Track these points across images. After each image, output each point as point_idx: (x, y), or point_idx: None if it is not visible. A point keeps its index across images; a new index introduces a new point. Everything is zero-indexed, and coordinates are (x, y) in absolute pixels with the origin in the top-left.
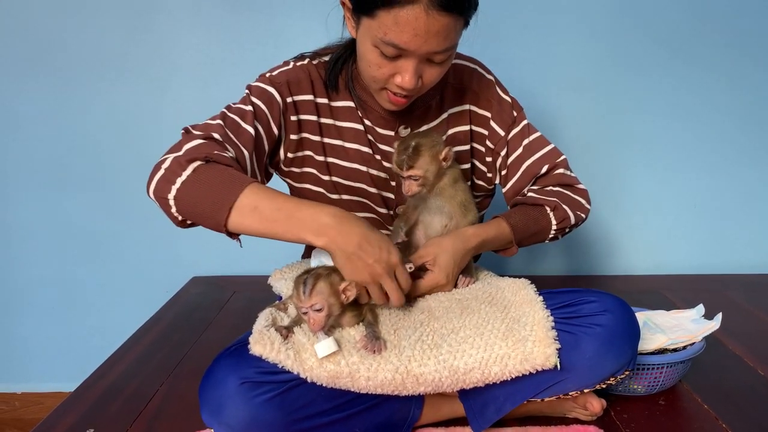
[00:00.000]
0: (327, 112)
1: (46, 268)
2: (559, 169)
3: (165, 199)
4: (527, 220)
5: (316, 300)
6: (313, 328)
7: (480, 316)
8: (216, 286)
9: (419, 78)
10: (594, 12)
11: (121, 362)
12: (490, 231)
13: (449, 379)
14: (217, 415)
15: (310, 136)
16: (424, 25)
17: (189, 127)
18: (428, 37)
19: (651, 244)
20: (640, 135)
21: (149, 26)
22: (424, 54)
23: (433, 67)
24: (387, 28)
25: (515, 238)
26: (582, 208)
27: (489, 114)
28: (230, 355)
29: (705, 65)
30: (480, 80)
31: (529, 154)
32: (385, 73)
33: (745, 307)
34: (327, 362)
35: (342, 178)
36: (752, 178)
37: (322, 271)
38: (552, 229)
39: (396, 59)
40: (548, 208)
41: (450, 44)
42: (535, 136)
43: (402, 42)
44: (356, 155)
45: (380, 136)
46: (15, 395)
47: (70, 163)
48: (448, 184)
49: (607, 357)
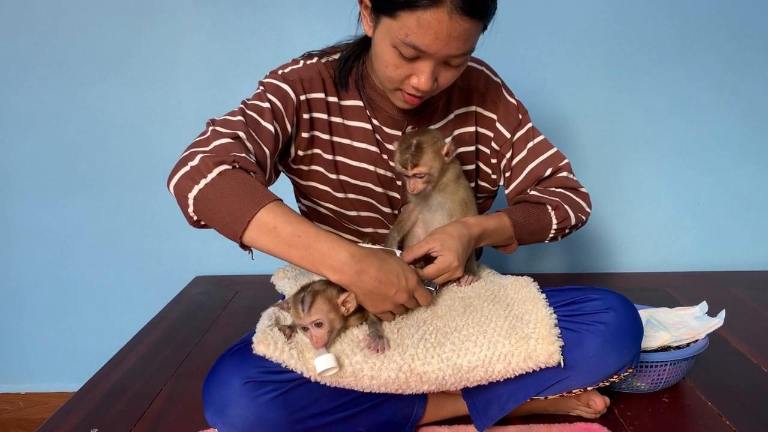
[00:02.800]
0: (337, 111)
1: (49, 268)
2: (563, 172)
3: (185, 197)
4: (528, 217)
5: (316, 316)
6: (315, 346)
7: (483, 314)
8: (219, 286)
9: (435, 80)
10: (596, 11)
11: (124, 362)
12: (491, 222)
13: (453, 377)
14: (220, 415)
15: (321, 134)
16: (446, 29)
17: (214, 120)
18: (449, 41)
19: (654, 242)
20: (643, 133)
21: (151, 26)
22: (442, 57)
23: (449, 69)
24: (408, 29)
25: (515, 233)
26: (583, 211)
27: (495, 116)
28: (234, 354)
29: (707, 63)
30: (487, 82)
31: (534, 157)
32: (402, 74)
33: (748, 304)
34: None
35: (349, 177)
36: (756, 176)
37: (318, 286)
38: (552, 228)
39: (414, 60)
40: (550, 207)
41: (469, 48)
42: (539, 139)
43: (423, 44)
44: (364, 154)
45: (388, 136)
46: (19, 395)
47: (72, 162)
48: (451, 180)
49: (611, 355)
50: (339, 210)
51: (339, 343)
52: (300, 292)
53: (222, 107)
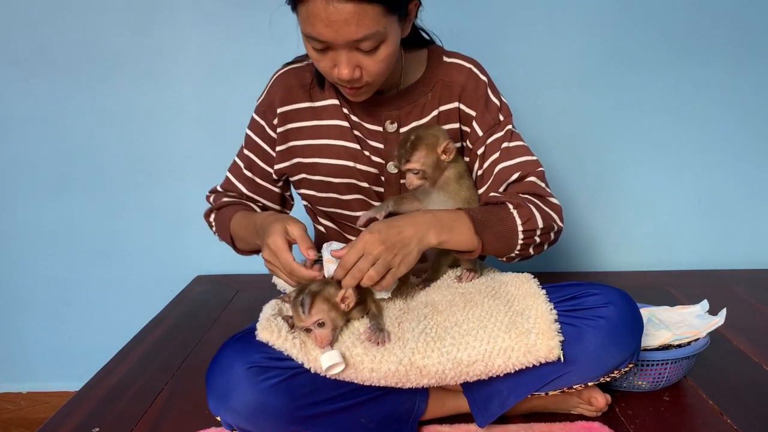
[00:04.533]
0: (310, 115)
1: (51, 268)
2: (532, 177)
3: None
4: (488, 216)
5: (317, 317)
6: (320, 346)
7: (483, 309)
8: (220, 285)
9: (357, 68)
10: (596, 8)
11: (125, 361)
12: (445, 213)
13: (453, 371)
14: (224, 401)
15: (296, 142)
16: (328, 15)
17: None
18: (338, 27)
19: (655, 240)
20: (644, 131)
21: (151, 26)
22: (344, 43)
23: (368, 56)
24: (304, 21)
25: (476, 228)
26: (552, 219)
27: (474, 113)
28: (237, 341)
29: (709, 62)
30: (471, 79)
31: (506, 159)
32: (326, 66)
33: (749, 302)
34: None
35: (331, 177)
36: (756, 174)
37: (315, 287)
38: (519, 230)
39: (326, 51)
40: (510, 206)
41: (368, 32)
42: (517, 144)
43: (316, 34)
44: (342, 152)
45: (369, 132)
46: (21, 395)
47: (73, 163)
48: (453, 179)
49: (611, 349)
50: (336, 211)
51: (340, 336)
52: (298, 295)
53: (222, 107)
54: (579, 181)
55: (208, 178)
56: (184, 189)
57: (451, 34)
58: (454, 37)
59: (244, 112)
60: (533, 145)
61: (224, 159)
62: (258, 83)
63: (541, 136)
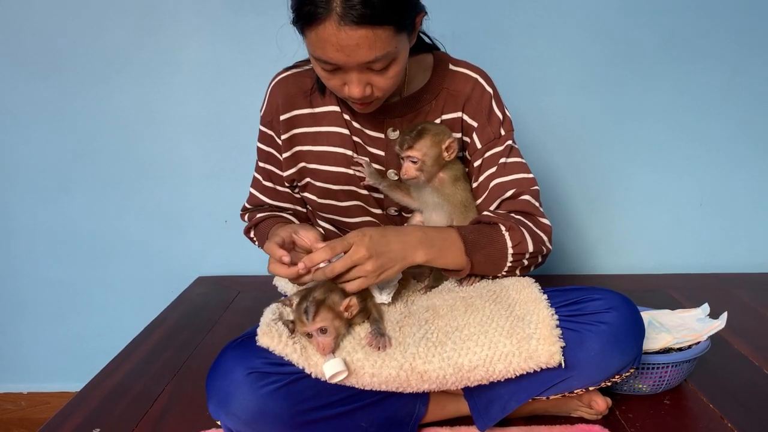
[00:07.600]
0: (310, 121)
1: (52, 269)
2: (526, 195)
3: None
4: (480, 236)
5: (321, 324)
6: (322, 353)
7: (484, 314)
8: (221, 286)
9: (368, 86)
10: (598, 12)
11: (126, 362)
12: (437, 231)
13: (453, 376)
14: (224, 406)
15: (301, 147)
16: (339, 41)
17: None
18: (350, 51)
19: (656, 243)
20: (645, 134)
21: (154, 28)
22: (355, 65)
23: (378, 75)
24: (314, 45)
25: (466, 249)
26: (542, 242)
27: (476, 124)
28: (237, 346)
29: (710, 66)
30: (477, 89)
31: (502, 174)
32: (335, 84)
33: (750, 306)
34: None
35: (331, 183)
36: (757, 177)
37: (319, 294)
38: (509, 253)
39: (336, 72)
40: (503, 228)
41: (381, 53)
42: (514, 160)
43: (327, 57)
44: (342, 158)
45: (370, 139)
46: (21, 395)
47: (75, 164)
48: (449, 181)
49: (612, 355)
50: (334, 217)
51: (341, 341)
52: (302, 301)
53: (224, 108)
54: (580, 184)
55: (209, 180)
56: (186, 190)
57: (452, 37)
58: (455, 41)
59: (245, 115)
60: (534, 149)
61: (225, 160)
62: (260, 86)
63: (542, 139)
